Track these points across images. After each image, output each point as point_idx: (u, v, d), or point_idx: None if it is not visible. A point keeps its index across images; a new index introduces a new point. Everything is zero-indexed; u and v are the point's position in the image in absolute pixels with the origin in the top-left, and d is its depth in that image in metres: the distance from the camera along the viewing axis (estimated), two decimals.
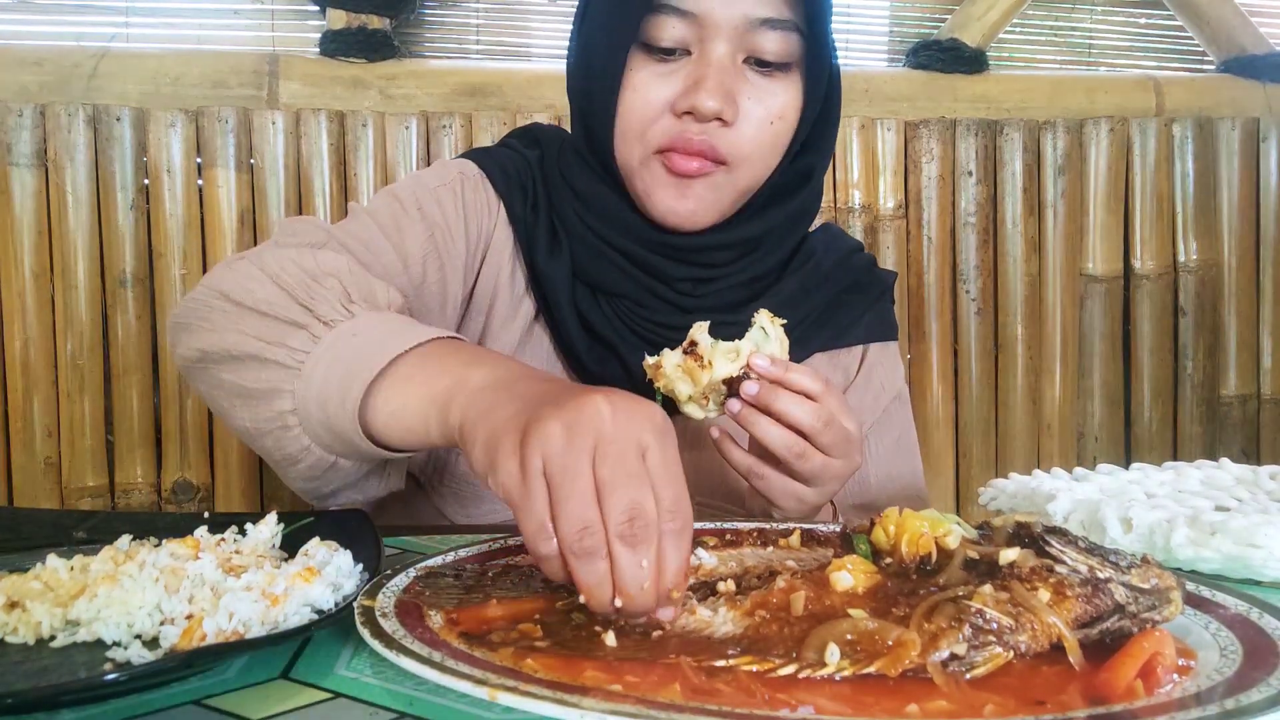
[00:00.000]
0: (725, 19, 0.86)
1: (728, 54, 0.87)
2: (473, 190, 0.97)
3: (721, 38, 0.87)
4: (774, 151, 0.92)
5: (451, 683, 0.42)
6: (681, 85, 0.88)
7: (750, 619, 0.51)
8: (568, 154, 0.98)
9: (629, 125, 0.90)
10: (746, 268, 0.97)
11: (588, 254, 0.95)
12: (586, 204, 0.95)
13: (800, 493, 0.81)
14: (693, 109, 0.86)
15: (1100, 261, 1.81)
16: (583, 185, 0.96)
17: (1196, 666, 0.48)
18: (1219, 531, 0.68)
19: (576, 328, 0.95)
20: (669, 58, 0.89)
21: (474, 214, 0.96)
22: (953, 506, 1.78)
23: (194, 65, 1.58)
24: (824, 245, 1.04)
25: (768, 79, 0.89)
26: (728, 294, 0.97)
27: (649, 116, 0.89)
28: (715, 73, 0.87)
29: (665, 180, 0.90)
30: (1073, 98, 1.82)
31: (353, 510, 0.76)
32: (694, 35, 0.87)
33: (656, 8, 0.87)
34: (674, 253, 0.94)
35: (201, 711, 0.46)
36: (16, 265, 1.52)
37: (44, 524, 0.76)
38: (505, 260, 0.98)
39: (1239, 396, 1.86)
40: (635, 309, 0.95)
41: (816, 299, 1.01)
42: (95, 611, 0.54)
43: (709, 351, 0.77)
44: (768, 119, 0.90)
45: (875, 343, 1.07)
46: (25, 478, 1.55)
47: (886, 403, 1.06)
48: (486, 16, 1.75)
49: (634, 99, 0.90)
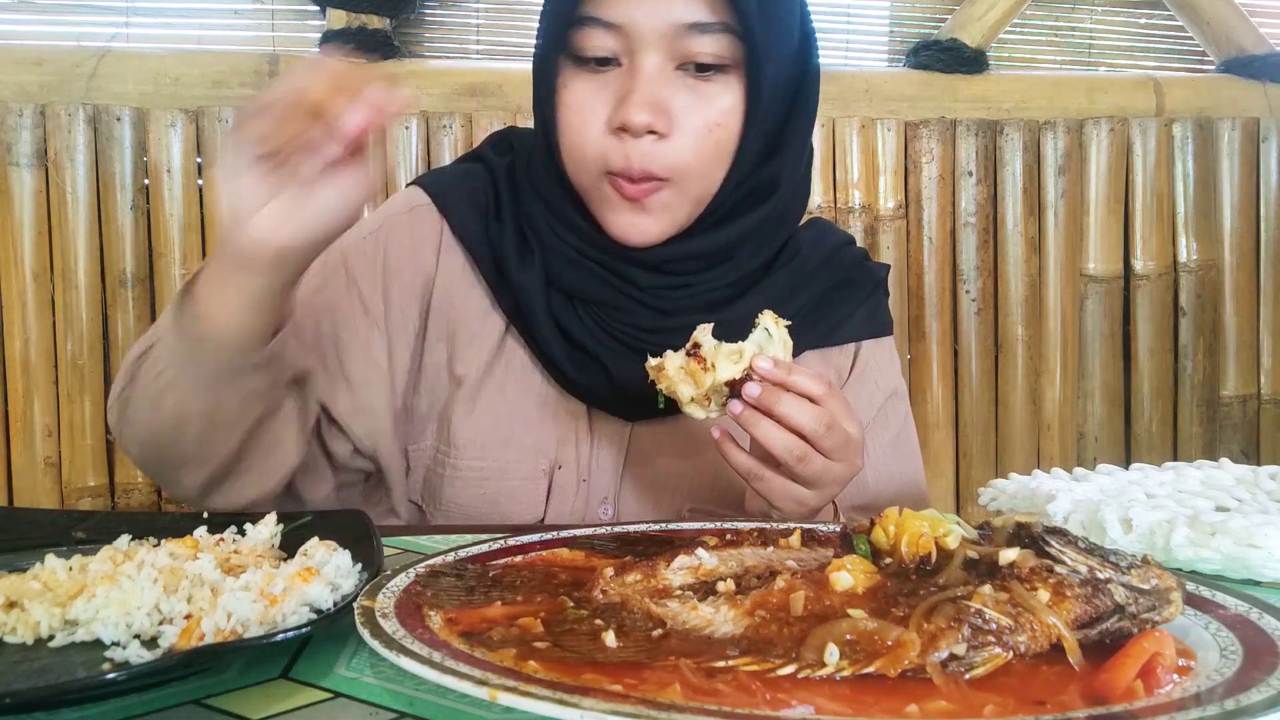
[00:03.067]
0: (650, 28, 0.84)
1: (658, 63, 0.85)
2: (401, 232, 0.98)
3: (650, 47, 0.84)
4: (719, 158, 0.89)
5: (451, 683, 0.42)
6: (614, 99, 0.86)
7: (750, 619, 0.51)
8: (535, 161, 0.97)
9: (571, 146, 0.89)
10: (723, 274, 0.96)
11: (562, 262, 0.94)
12: (554, 213, 0.94)
13: (800, 495, 0.81)
14: (624, 125, 0.84)
15: (1100, 261, 1.81)
16: (548, 193, 0.94)
17: (1196, 667, 0.48)
18: (1219, 532, 0.68)
19: (555, 337, 0.93)
20: (602, 69, 0.87)
21: (399, 257, 0.97)
22: (953, 506, 1.78)
23: (194, 65, 1.58)
24: (811, 241, 1.03)
25: (705, 83, 0.87)
26: (706, 295, 0.96)
27: (589, 137, 0.87)
28: (643, 84, 0.84)
29: (616, 202, 0.89)
30: (1073, 98, 1.82)
31: (352, 510, 0.76)
32: (622, 46, 0.85)
33: (581, 20, 0.85)
34: (641, 264, 0.93)
35: (201, 711, 0.46)
36: (16, 265, 1.52)
37: (43, 524, 0.76)
38: (456, 283, 0.97)
39: (1239, 397, 1.86)
40: (614, 314, 0.94)
41: (804, 296, 0.99)
42: (94, 611, 0.54)
43: (712, 353, 0.77)
44: (706, 126, 0.87)
45: (869, 339, 1.06)
46: (25, 478, 1.55)
47: (882, 400, 1.05)
48: (486, 16, 1.75)
49: (570, 118, 0.88)
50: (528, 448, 0.95)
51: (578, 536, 0.70)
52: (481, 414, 0.95)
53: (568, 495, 0.96)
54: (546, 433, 0.96)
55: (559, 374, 0.95)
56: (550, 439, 0.96)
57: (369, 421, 0.95)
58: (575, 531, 0.71)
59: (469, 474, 0.95)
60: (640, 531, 0.72)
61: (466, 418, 0.95)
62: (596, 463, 0.96)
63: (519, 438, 0.95)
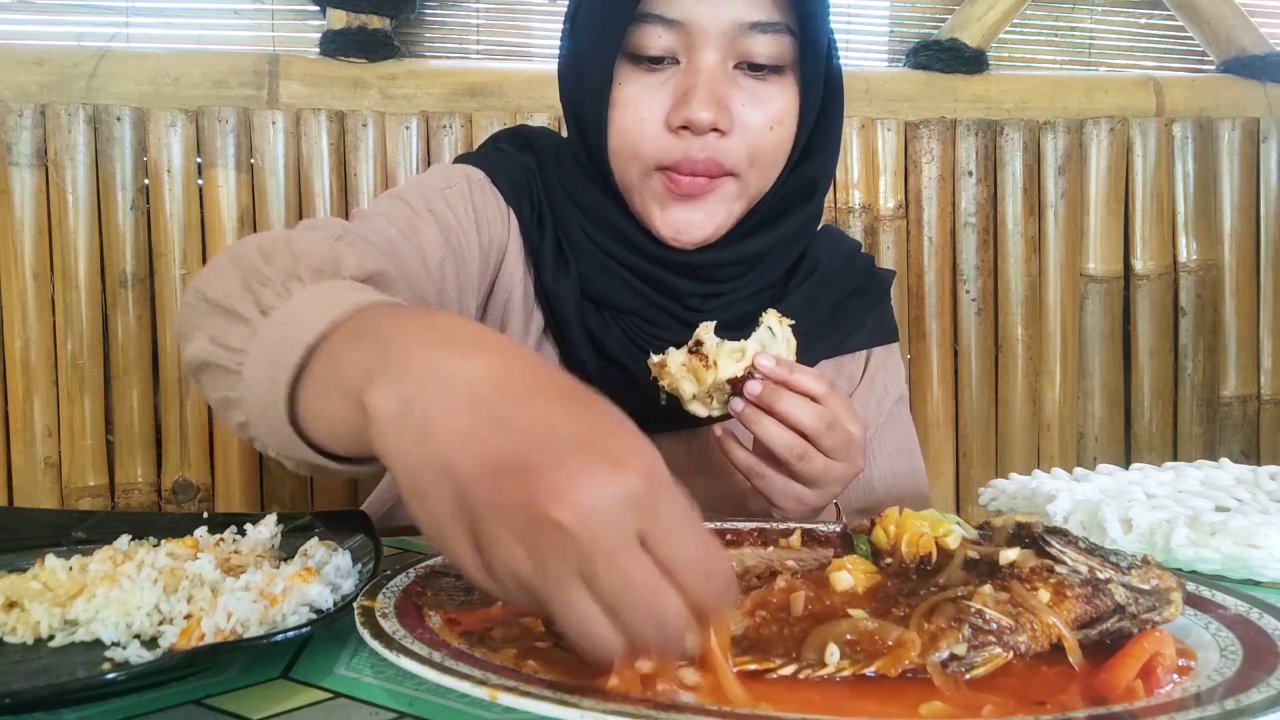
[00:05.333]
0: (713, 25, 0.84)
1: (718, 61, 0.85)
2: (481, 195, 0.93)
3: (710, 45, 0.84)
4: (778, 156, 0.90)
5: (451, 683, 0.42)
6: (672, 97, 0.85)
7: (750, 619, 0.51)
8: (567, 163, 0.95)
9: (623, 144, 0.88)
10: (753, 280, 0.96)
11: (596, 270, 0.93)
12: (591, 218, 0.93)
13: (801, 494, 0.81)
14: (687, 122, 0.84)
15: (1100, 261, 1.81)
16: (586, 198, 0.93)
17: (1196, 667, 0.48)
18: (1219, 532, 0.68)
19: (587, 348, 0.92)
20: (658, 67, 0.86)
21: (485, 218, 0.92)
22: (953, 506, 1.78)
23: (194, 65, 1.58)
24: (827, 250, 1.03)
25: (762, 83, 0.87)
26: (735, 307, 0.95)
27: (644, 135, 0.86)
28: (705, 82, 0.84)
29: (667, 197, 0.88)
30: (1073, 98, 1.82)
31: (352, 510, 0.76)
32: (682, 44, 0.85)
33: (642, 17, 0.85)
34: (681, 269, 0.92)
35: (201, 711, 0.46)
36: (16, 265, 1.52)
37: (43, 524, 0.76)
38: (518, 269, 0.95)
39: (1239, 397, 1.86)
40: (645, 326, 0.93)
41: (823, 306, 0.99)
42: (94, 611, 0.54)
43: (714, 351, 0.77)
44: (766, 124, 0.87)
45: (878, 346, 1.06)
46: (25, 478, 1.55)
47: (890, 406, 1.06)
48: (486, 16, 1.75)
49: (626, 117, 0.87)
50: None
51: None
52: None
53: None
54: None
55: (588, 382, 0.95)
56: None
57: None
58: None
59: None
60: None
61: None
62: None
63: None
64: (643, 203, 0.90)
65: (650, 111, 0.86)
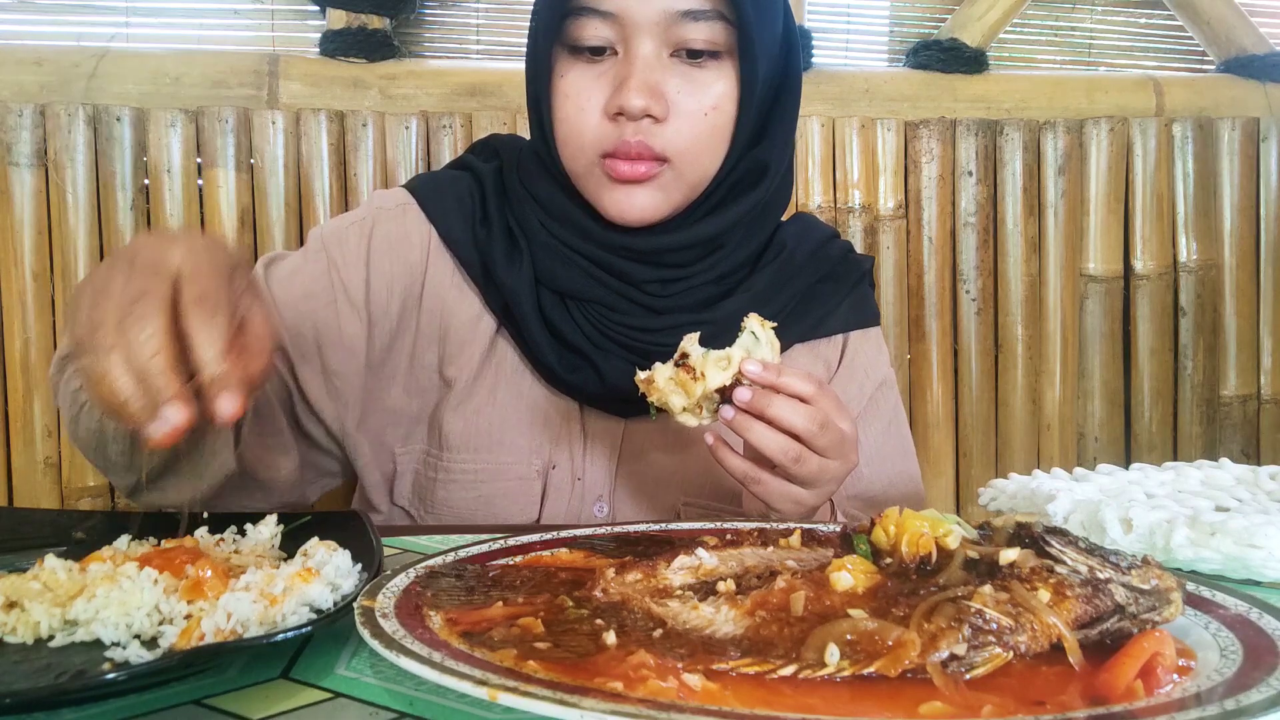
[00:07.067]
0: (644, 16, 0.86)
1: (653, 50, 0.87)
2: (388, 224, 0.97)
3: (644, 34, 0.86)
4: (716, 142, 0.91)
5: (451, 683, 0.42)
6: (611, 87, 0.88)
7: (750, 619, 0.51)
8: (527, 161, 0.98)
9: (568, 134, 0.90)
10: (713, 265, 0.97)
11: (554, 261, 0.94)
12: (547, 210, 0.95)
13: (798, 495, 0.81)
14: (621, 109, 0.86)
15: (1100, 261, 1.81)
16: (542, 191, 0.95)
17: (1196, 667, 0.48)
18: (1219, 532, 0.68)
19: (545, 337, 0.94)
20: (598, 58, 0.89)
21: (383, 248, 0.96)
22: (953, 506, 1.78)
23: (194, 65, 1.58)
24: (796, 237, 1.04)
25: (700, 70, 0.89)
26: (698, 292, 0.96)
27: (585, 124, 0.89)
28: (639, 70, 0.86)
29: (610, 184, 0.90)
30: (1073, 98, 1.82)
31: (352, 510, 0.76)
32: (617, 34, 0.87)
33: (577, 10, 0.87)
34: (636, 255, 0.94)
35: (201, 711, 0.46)
36: (16, 265, 1.52)
37: (43, 524, 0.76)
38: (446, 287, 0.97)
39: (1239, 397, 1.86)
40: (606, 313, 0.94)
41: (790, 291, 1.00)
42: (94, 612, 0.54)
43: (700, 362, 0.77)
44: (701, 110, 0.89)
45: (855, 330, 1.06)
46: (25, 478, 1.55)
47: (872, 390, 1.06)
48: (486, 16, 1.75)
49: (566, 106, 0.90)
50: (521, 448, 0.96)
51: (577, 537, 0.70)
52: (473, 416, 0.96)
53: (562, 494, 0.96)
54: (539, 433, 0.96)
55: (550, 374, 0.95)
56: (543, 439, 0.96)
57: (339, 408, 0.95)
58: (575, 531, 0.71)
59: (462, 476, 0.95)
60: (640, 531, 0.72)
61: (458, 420, 0.95)
62: (590, 461, 0.97)
63: (512, 439, 0.96)
64: (592, 190, 0.92)
65: (590, 101, 0.89)
